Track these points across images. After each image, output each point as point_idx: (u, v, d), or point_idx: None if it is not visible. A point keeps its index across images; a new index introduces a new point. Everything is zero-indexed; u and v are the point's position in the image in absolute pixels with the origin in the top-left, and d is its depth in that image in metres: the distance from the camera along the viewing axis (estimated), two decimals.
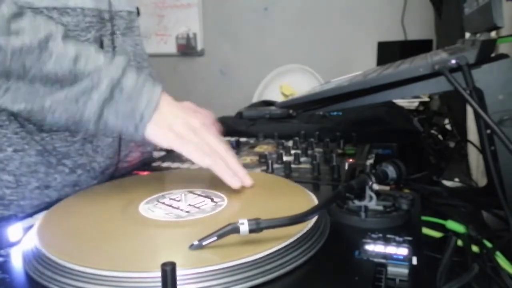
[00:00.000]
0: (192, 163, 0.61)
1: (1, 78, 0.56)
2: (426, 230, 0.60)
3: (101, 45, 0.73)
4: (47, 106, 0.57)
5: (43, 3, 0.65)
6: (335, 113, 1.09)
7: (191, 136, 0.60)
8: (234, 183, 0.58)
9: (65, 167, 0.72)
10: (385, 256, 0.42)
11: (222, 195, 0.57)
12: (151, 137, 0.60)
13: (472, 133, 0.95)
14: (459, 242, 0.55)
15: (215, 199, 0.56)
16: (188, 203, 0.55)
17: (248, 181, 0.60)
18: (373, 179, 0.52)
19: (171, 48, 3.07)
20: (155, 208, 0.53)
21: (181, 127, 0.60)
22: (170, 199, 0.56)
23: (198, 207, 0.53)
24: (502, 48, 0.83)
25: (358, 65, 1.67)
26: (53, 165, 0.71)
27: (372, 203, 0.52)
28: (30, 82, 0.56)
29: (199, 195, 0.57)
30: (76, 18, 0.68)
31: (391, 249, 0.43)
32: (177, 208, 0.53)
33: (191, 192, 0.58)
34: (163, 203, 0.55)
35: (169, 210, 0.53)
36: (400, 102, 1.43)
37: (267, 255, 0.40)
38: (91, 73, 0.58)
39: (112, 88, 0.58)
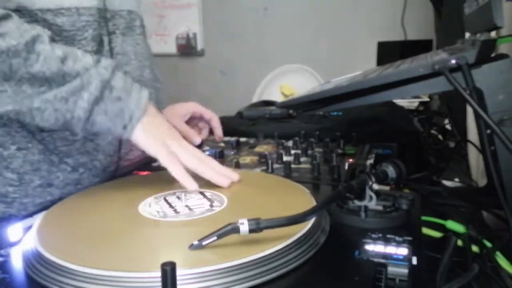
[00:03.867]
0: None
1: None
2: (426, 230, 0.60)
3: (101, 44, 0.73)
4: (36, 106, 0.57)
5: (37, 5, 0.65)
6: (335, 113, 1.09)
7: (175, 147, 0.62)
8: (223, 182, 0.60)
9: (67, 165, 0.73)
10: (385, 256, 0.42)
11: (222, 195, 0.57)
12: (139, 141, 0.61)
13: (472, 133, 0.95)
14: (459, 242, 0.55)
15: (214, 199, 0.56)
16: (188, 203, 0.55)
17: (234, 176, 0.62)
18: (373, 179, 0.52)
19: (171, 48, 3.07)
20: (155, 208, 0.53)
21: (166, 138, 0.62)
22: (170, 199, 0.56)
23: (198, 207, 0.53)
24: (502, 48, 0.83)
25: (358, 65, 1.66)
26: (55, 163, 0.72)
27: (372, 203, 0.52)
28: (17, 83, 0.56)
29: (199, 194, 0.57)
30: (72, 18, 0.68)
31: (391, 249, 0.43)
32: (177, 208, 0.53)
33: (189, 192, 0.58)
34: (163, 203, 0.55)
35: (169, 210, 0.53)
36: (400, 102, 1.43)
37: (267, 255, 0.40)
38: (80, 73, 0.58)
39: (102, 88, 0.58)
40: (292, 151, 0.84)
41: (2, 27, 0.56)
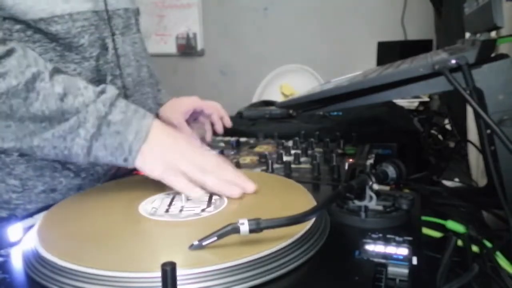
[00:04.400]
0: None
1: None
2: (426, 230, 0.60)
3: (104, 48, 0.72)
4: (35, 144, 0.57)
5: (28, 15, 0.64)
6: (335, 113, 1.09)
7: (179, 162, 0.58)
8: (234, 193, 0.56)
9: (69, 171, 0.73)
10: (385, 256, 0.42)
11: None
12: (141, 169, 0.59)
13: (472, 133, 0.95)
14: (459, 242, 0.55)
15: (215, 199, 0.56)
16: (188, 203, 0.55)
17: (250, 186, 0.57)
18: (373, 179, 0.52)
19: (171, 48, 3.07)
20: (155, 208, 0.53)
21: (169, 156, 0.59)
22: (171, 198, 0.56)
23: (198, 207, 0.53)
24: (502, 48, 0.83)
25: (358, 65, 1.66)
26: (58, 169, 0.72)
27: (372, 203, 0.52)
28: (19, 121, 0.56)
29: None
30: (66, 25, 0.66)
31: (391, 249, 0.43)
32: (177, 208, 0.53)
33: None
34: (163, 203, 0.55)
35: (169, 210, 0.53)
36: (400, 102, 1.43)
37: (267, 255, 0.40)
38: (79, 109, 0.57)
39: (99, 124, 0.57)
40: (292, 151, 0.84)
41: (3, 66, 0.55)
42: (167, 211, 0.52)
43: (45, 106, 0.56)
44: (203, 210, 0.52)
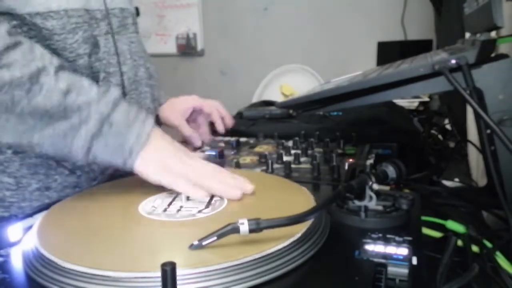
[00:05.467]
0: None
1: None
2: (426, 230, 0.60)
3: (97, 46, 0.72)
4: (35, 141, 0.57)
5: (26, 9, 0.64)
6: (335, 113, 1.09)
7: (179, 167, 0.59)
8: (236, 195, 0.56)
9: (64, 168, 0.72)
10: (385, 256, 0.42)
11: None
12: (140, 172, 0.59)
13: (472, 133, 0.95)
14: (459, 242, 0.55)
15: (215, 199, 0.56)
16: (188, 203, 0.55)
17: (249, 187, 0.58)
18: (373, 179, 0.52)
19: (171, 48, 3.07)
20: (155, 208, 0.53)
21: (170, 161, 0.59)
22: (171, 199, 0.56)
23: (197, 207, 0.53)
24: (502, 48, 0.83)
25: (358, 65, 1.67)
26: (53, 166, 0.71)
27: (372, 203, 0.52)
28: (19, 115, 0.55)
29: None
30: (61, 21, 0.67)
31: (391, 249, 0.43)
32: (177, 208, 0.53)
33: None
34: (163, 203, 0.55)
35: (169, 210, 0.53)
36: (400, 102, 1.43)
37: (267, 255, 0.40)
38: (82, 108, 0.57)
39: (101, 124, 0.57)
40: (292, 151, 0.84)
41: (8, 57, 0.55)
42: (165, 210, 0.52)
43: (48, 101, 0.56)
44: (200, 211, 0.52)
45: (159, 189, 0.59)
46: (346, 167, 0.74)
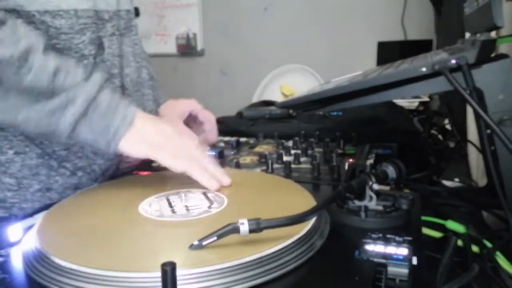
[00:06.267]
0: None
1: None
2: (426, 230, 0.60)
3: (102, 47, 0.72)
4: (20, 118, 0.57)
5: (34, 6, 0.64)
6: (335, 113, 1.09)
7: (163, 142, 0.61)
8: (212, 185, 0.59)
9: (66, 169, 0.72)
10: (385, 256, 0.42)
11: (222, 195, 0.57)
12: (125, 150, 0.60)
13: (472, 133, 0.95)
14: (459, 242, 0.55)
15: (215, 199, 0.56)
16: (188, 203, 0.55)
17: (226, 180, 0.60)
18: (373, 179, 0.52)
19: (171, 48, 3.07)
20: (155, 208, 0.53)
21: (153, 136, 0.61)
22: (170, 199, 0.56)
23: (197, 207, 0.53)
24: (502, 48, 0.83)
25: (358, 65, 1.66)
26: (54, 167, 0.71)
27: (372, 203, 0.52)
28: (5, 93, 0.55)
29: (199, 195, 0.57)
30: (70, 21, 0.67)
31: (391, 249, 0.43)
32: (177, 208, 0.53)
33: (190, 192, 0.58)
34: (163, 203, 0.55)
35: (169, 210, 0.53)
36: (400, 102, 1.43)
37: (267, 255, 0.40)
38: (68, 88, 0.57)
39: (87, 105, 0.58)
40: (292, 151, 0.84)
41: None
42: (175, 211, 0.52)
43: (36, 81, 0.56)
44: (211, 206, 0.52)
45: (160, 188, 0.59)
46: (346, 167, 0.74)
